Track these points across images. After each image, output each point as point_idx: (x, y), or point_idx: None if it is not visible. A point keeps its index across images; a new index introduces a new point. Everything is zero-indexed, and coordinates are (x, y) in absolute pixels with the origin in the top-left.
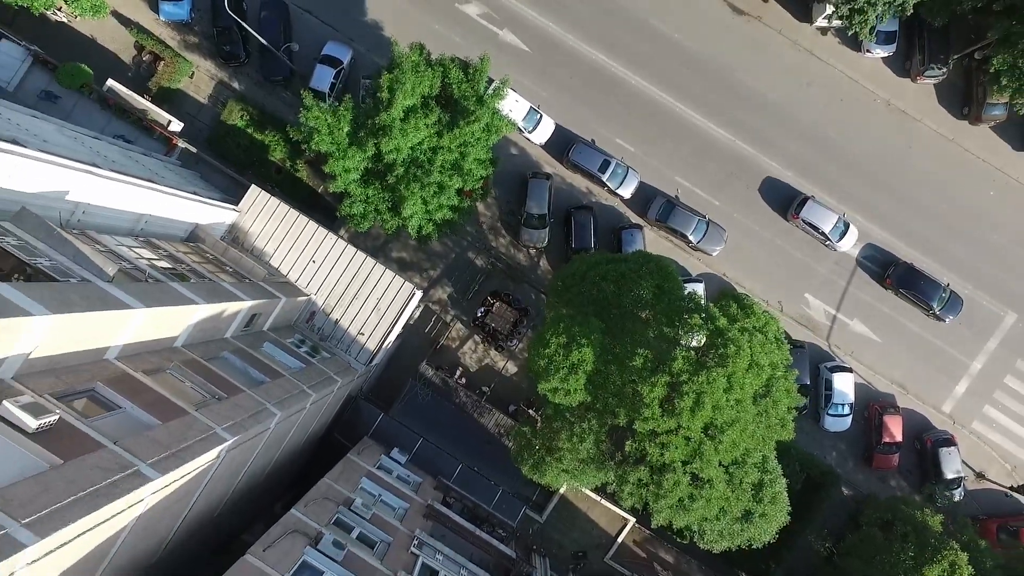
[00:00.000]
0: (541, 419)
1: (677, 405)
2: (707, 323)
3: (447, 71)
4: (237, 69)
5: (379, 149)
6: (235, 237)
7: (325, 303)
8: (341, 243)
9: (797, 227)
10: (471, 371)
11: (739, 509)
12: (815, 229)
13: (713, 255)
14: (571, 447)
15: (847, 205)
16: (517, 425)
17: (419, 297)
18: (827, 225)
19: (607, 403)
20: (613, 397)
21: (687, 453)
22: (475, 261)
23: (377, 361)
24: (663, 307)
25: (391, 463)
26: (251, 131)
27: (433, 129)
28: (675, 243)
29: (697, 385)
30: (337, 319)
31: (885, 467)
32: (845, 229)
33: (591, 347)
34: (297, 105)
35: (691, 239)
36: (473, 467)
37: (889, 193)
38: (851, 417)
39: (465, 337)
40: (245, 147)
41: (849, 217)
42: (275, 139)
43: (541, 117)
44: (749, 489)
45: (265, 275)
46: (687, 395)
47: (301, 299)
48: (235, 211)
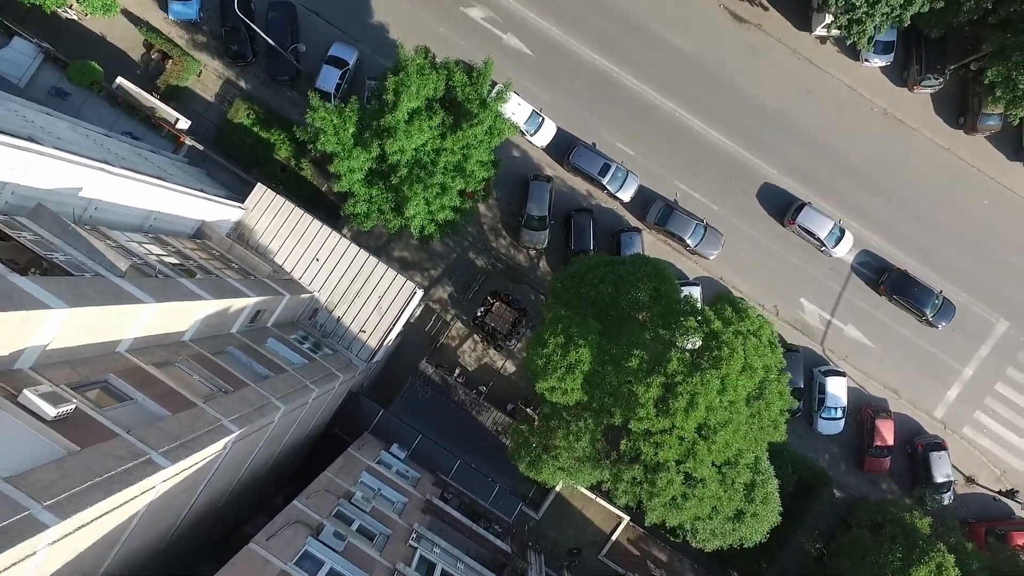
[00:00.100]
0: (538, 417)
1: (671, 405)
2: (702, 326)
3: (451, 74)
4: (244, 68)
5: (383, 150)
6: (240, 234)
7: (328, 300)
8: (344, 242)
9: (793, 233)
10: (470, 370)
11: (731, 508)
12: (811, 235)
13: (710, 259)
14: (567, 445)
15: (843, 212)
16: (515, 423)
17: (420, 296)
18: (823, 231)
19: (603, 402)
20: (609, 397)
21: (681, 453)
22: (476, 261)
23: (378, 358)
24: (659, 309)
25: (391, 458)
26: (257, 130)
27: (437, 131)
28: (673, 247)
29: (691, 386)
30: (339, 316)
31: (877, 470)
32: (841, 235)
33: (588, 347)
34: (303, 104)
35: (689, 243)
36: (471, 464)
37: (885, 200)
38: (844, 420)
39: (465, 336)
40: (251, 145)
41: (845, 223)
42: (280, 138)
43: (543, 120)
44: (741, 489)
45: (270, 272)
46: (681, 396)
47: (304, 296)
48: (241, 209)
